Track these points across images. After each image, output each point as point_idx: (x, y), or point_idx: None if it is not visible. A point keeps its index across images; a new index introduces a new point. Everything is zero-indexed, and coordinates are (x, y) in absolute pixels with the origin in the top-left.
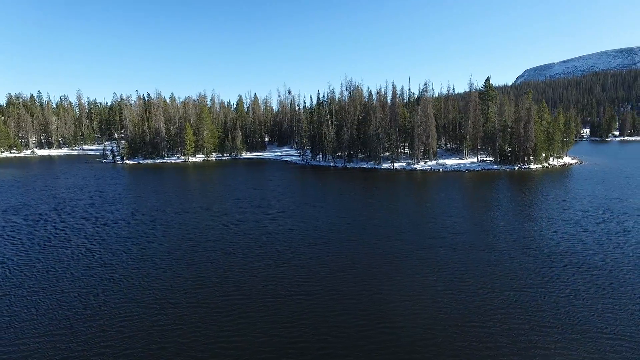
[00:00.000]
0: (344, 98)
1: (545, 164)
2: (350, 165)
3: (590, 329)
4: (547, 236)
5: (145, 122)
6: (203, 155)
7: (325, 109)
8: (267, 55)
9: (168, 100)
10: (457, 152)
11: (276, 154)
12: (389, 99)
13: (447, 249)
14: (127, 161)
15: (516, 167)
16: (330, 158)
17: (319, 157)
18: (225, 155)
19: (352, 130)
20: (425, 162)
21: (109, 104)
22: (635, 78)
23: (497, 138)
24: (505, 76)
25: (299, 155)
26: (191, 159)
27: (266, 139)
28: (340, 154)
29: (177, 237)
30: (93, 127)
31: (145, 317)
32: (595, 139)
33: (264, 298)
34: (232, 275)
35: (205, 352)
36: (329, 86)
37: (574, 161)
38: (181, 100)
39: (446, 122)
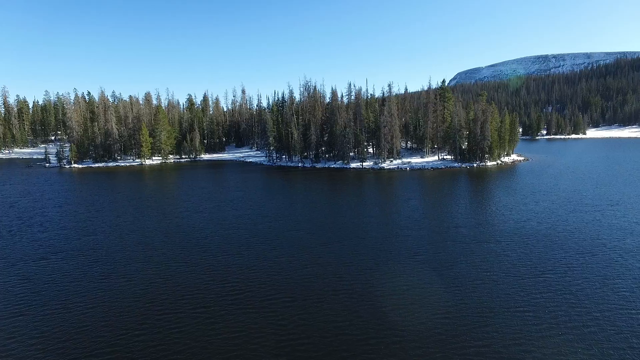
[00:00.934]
0: (302, 98)
1: (499, 161)
2: (318, 166)
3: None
4: (534, 226)
5: (95, 123)
6: (160, 158)
7: (292, 110)
8: (221, 54)
9: (111, 99)
10: (417, 151)
11: (236, 155)
12: (344, 99)
13: (461, 243)
14: (76, 165)
15: (475, 165)
16: (297, 158)
17: (285, 158)
18: (183, 157)
19: (317, 130)
20: (391, 161)
21: (40, 103)
22: (553, 82)
23: (457, 137)
24: (440, 78)
25: (264, 156)
26: (148, 162)
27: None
28: (306, 154)
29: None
30: (24, 129)
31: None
32: (528, 137)
33: (268, 303)
34: (232, 280)
35: None
36: (289, 86)
37: (521, 158)
38: (126, 99)
39: (406, 122)
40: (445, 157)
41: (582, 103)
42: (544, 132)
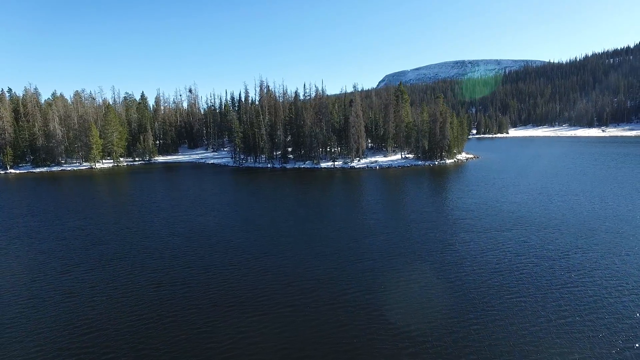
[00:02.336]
0: (258, 97)
1: (455, 159)
2: (288, 166)
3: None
4: (521, 213)
5: (36, 124)
6: (111, 161)
7: (258, 109)
8: (169, 53)
9: (43, 98)
10: (378, 150)
11: (193, 156)
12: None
13: (468, 232)
14: (12, 170)
15: (436, 162)
16: (264, 159)
17: (251, 159)
18: (136, 159)
19: (284, 130)
20: (359, 160)
21: None
22: (474, 86)
23: (420, 137)
24: (369, 80)
25: (226, 158)
26: (98, 165)
27: None
28: (274, 154)
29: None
30: None
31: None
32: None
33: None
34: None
35: None
36: (245, 85)
37: (471, 155)
38: (68, 98)
39: (367, 122)
40: (407, 155)
41: (501, 105)
42: (474, 131)
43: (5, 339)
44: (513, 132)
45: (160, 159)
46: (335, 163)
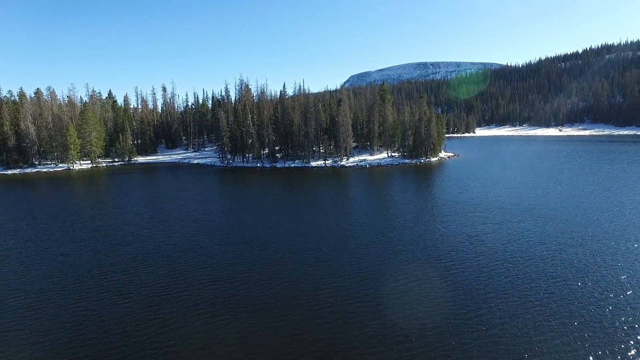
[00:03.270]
0: (238, 97)
1: (439, 157)
2: (279, 165)
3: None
4: (523, 202)
5: (6, 122)
6: (89, 162)
7: (247, 108)
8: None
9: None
10: (364, 149)
11: (173, 157)
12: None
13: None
14: None
15: (422, 160)
16: (250, 158)
17: (238, 159)
18: (116, 160)
19: (272, 129)
20: (348, 159)
21: None
22: (439, 87)
23: (407, 136)
24: (335, 80)
25: (212, 158)
26: (76, 167)
27: None
28: (262, 154)
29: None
30: None
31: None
32: None
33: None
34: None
35: None
36: (225, 84)
37: (451, 154)
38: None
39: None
40: (393, 154)
41: (466, 106)
42: (444, 130)
43: None
44: (479, 132)
45: (140, 159)
46: (321, 162)
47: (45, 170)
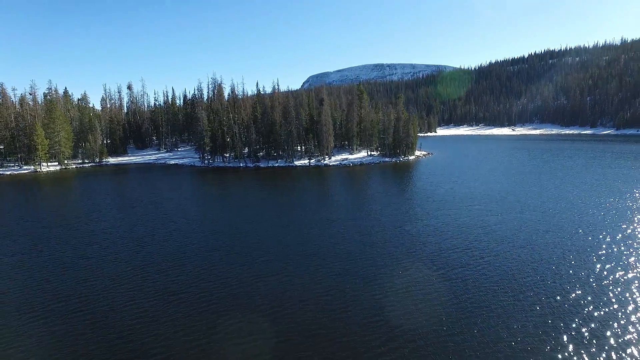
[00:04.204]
0: (210, 95)
1: (415, 155)
2: (262, 165)
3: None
4: (507, 197)
5: None
6: (57, 163)
7: (228, 107)
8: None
9: None
10: (342, 148)
11: (147, 157)
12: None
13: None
14: None
15: (401, 159)
16: (231, 158)
17: (219, 159)
18: (85, 161)
19: (251, 128)
20: (330, 158)
21: None
22: (398, 87)
23: (385, 135)
24: (294, 81)
25: (186, 158)
26: (43, 169)
27: None
28: (243, 153)
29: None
30: None
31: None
32: None
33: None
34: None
35: None
36: (199, 83)
37: (425, 152)
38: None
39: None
40: (372, 153)
41: (425, 106)
42: (417, 130)
43: None
44: (440, 131)
45: (112, 160)
46: (304, 161)
47: (8, 173)
